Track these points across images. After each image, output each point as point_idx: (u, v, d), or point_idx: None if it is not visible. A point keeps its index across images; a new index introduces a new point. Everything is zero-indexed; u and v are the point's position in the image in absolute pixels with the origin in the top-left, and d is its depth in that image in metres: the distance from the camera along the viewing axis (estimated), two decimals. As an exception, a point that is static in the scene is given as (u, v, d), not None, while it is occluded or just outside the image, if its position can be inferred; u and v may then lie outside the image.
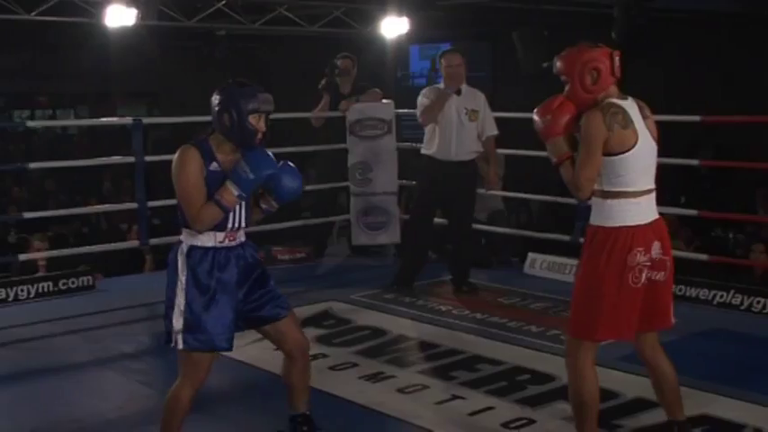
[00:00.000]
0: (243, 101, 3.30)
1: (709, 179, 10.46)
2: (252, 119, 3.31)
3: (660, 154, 6.58)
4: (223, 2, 8.91)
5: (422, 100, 6.15)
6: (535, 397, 4.23)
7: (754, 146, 10.55)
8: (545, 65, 3.63)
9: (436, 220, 6.49)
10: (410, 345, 5.21)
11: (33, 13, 8.14)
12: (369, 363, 4.81)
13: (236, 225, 3.39)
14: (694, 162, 6.66)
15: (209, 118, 3.91)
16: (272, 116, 3.48)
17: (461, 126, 6.08)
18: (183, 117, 8.30)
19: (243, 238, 3.47)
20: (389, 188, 7.36)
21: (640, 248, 3.24)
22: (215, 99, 3.37)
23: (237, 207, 3.34)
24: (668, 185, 9.15)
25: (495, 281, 6.62)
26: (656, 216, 3.36)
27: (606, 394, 4.20)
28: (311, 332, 5.38)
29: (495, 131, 6.25)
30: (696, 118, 6.37)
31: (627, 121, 3.24)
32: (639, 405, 4.09)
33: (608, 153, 3.22)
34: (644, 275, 3.26)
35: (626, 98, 3.34)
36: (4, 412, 4.23)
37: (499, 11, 9.89)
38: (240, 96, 3.32)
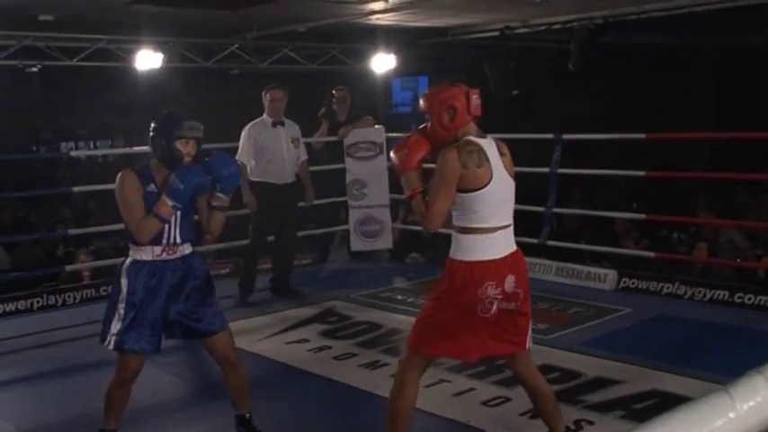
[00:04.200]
0: (170, 128, 3.20)
1: (654, 187, 10.45)
2: (179, 144, 3.20)
3: (610, 167, 6.50)
4: (236, 45, 8.95)
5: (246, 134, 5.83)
6: (511, 378, 4.17)
7: (690, 158, 10.62)
8: (513, 93, 3.56)
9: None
10: (402, 337, 5.16)
11: (75, 60, 8.17)
12: (367, 353, 4.80)
13: (173, 240, 3.26)
14: (641, 173, 6.63)
15: (224, 144, 3.81)
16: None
17: (290, 153, 6.01)
18: (203, 145, 8.28)
19: (186, 252, 3.32)
20: (382, 201, 7.34)
21: (492, 282, 2.91)
22: (150, 127, 3.28)
23: (173, 224, 3.24)
24: (622, 194, 9.20)
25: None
26: (513, 249, 3.04)
27: (570, 374, 4.21)
28: (317, 327, 5.38)
29: (306, 156, 6.30)
30: (641, 135, 6.38)
31: (482, 160, 2.90)
32: (598, 383, 4.09)
33: (463, 190, 2.90)
34: (495, 306, 2.92)
35: (484, 136, 3.00)
36: (55, 401, 4.23)
37: (473, 47, 9.89)
38: (168, 124, 3.22)
